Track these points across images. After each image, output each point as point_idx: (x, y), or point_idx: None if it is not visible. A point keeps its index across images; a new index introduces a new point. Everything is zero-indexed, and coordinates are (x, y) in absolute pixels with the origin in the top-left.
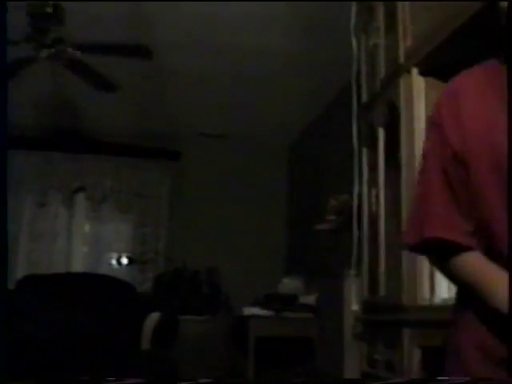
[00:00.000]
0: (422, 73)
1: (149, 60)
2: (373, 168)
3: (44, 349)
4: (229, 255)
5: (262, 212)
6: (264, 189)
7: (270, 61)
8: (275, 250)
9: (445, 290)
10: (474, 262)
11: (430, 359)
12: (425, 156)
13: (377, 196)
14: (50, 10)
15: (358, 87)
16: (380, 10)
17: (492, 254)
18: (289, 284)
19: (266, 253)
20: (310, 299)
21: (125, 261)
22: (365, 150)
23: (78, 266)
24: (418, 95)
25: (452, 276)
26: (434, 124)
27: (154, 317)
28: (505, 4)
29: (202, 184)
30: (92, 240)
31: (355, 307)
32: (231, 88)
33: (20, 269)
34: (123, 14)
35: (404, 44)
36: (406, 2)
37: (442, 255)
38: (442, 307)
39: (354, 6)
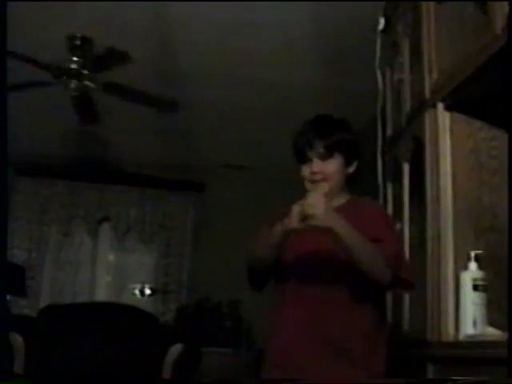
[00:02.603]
0: (448, 108)
1: (174, 112)
2: (397, 202)
3: (65, 378)
4: None
5: None
6: None
7: (293, 94)
8: None
9: (470, 326)
10: None
11: None
12: None
13: (401, 231)
14: (78, 42)
15: (383, 122)
16: (405, 44)
17: None
18: None
19: None
20: None
21: (148, 291)
22: (389, 185)
23: (102, 295)
24: (444, 130)
25: None
26: None
27: (176, 348)
28: None
29: (225, 215)
30: (116, 270)
31: None
32: (254, 120)
33: (44, 297)
34: (149, 45)
35: (429, 79)
36: (432, 37)
37: None
38: (467, 343)
39: (378, 41)
